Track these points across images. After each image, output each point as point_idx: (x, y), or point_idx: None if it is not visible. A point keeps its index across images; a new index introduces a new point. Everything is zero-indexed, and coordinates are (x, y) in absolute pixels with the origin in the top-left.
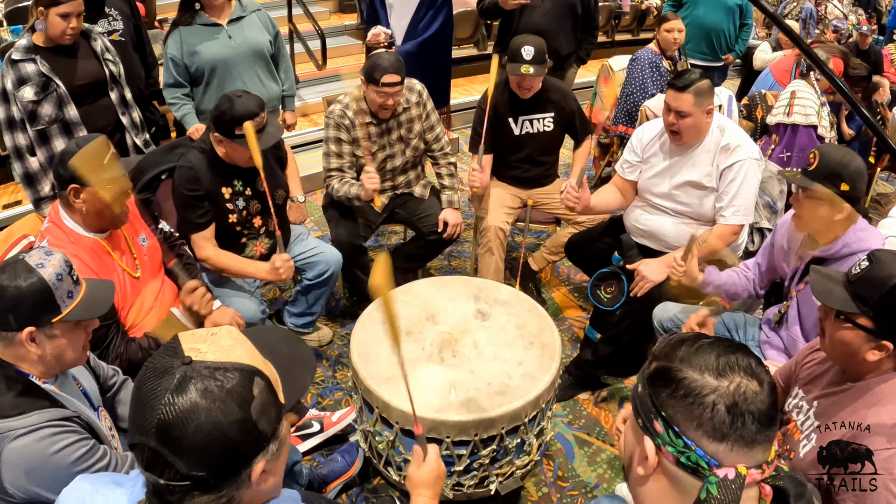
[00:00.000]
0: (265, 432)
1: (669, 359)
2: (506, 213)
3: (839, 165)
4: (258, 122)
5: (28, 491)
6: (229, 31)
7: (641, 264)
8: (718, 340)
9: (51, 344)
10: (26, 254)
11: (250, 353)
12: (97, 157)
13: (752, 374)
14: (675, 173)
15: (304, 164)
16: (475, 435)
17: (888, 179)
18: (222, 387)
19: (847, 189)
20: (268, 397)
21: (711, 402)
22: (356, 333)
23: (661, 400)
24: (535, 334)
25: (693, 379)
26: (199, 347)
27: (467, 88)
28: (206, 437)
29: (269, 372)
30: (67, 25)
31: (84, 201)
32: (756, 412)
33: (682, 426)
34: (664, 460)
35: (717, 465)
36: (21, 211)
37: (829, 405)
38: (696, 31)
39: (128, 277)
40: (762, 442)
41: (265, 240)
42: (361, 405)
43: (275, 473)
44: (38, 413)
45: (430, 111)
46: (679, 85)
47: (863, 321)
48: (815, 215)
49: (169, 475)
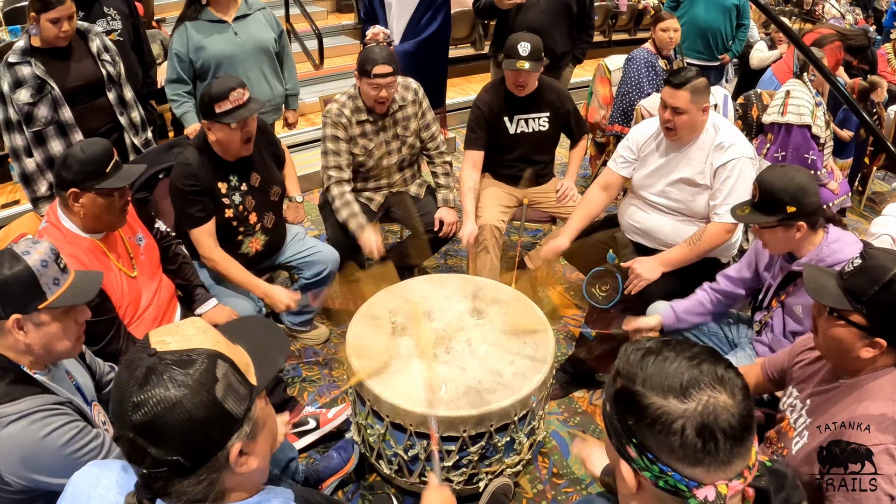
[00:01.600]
0: (234, 413)
1: (633, 379)
2: (501, 211)
3: (780, 191)
4: (236, 97)
5: (25, 477)
6: (235, 28)
7: (636, 262)
8: (682, 350)
9: (39, 332)
10: (14, 244)
11: (213, 339)
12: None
13: (721, 384)
14: (669, 171)
15: (301, 164)
16: (464, 431)
17: (884, 178)
18: (186, 372)
19: (794, 210)
20: (233, 378)
21: (680, 427)
22: (352, 328)
23: (629, 426)
24: (528, 334)
25: (658, 406)
26: (164, 339)
27: (464, 88)
28: (176, 422)
29: (237, 355)
30: (59, 30)
31: (83, 206)
32: (727, 429)
33: (655, 452)
34: (644, 482)
35: (697, 485)
36: (19, 210)
37: (822, 402)
38: (693, 31)
39: (125, 277)
40: (739, 455)
41: (261, 236)
42: (355, 398)
43: (256, 455)
44: (28, 399)
45: (426, 110)
46: (676, 82)
47: (856, 318)
48: (777, 240)
49: (148, 463)
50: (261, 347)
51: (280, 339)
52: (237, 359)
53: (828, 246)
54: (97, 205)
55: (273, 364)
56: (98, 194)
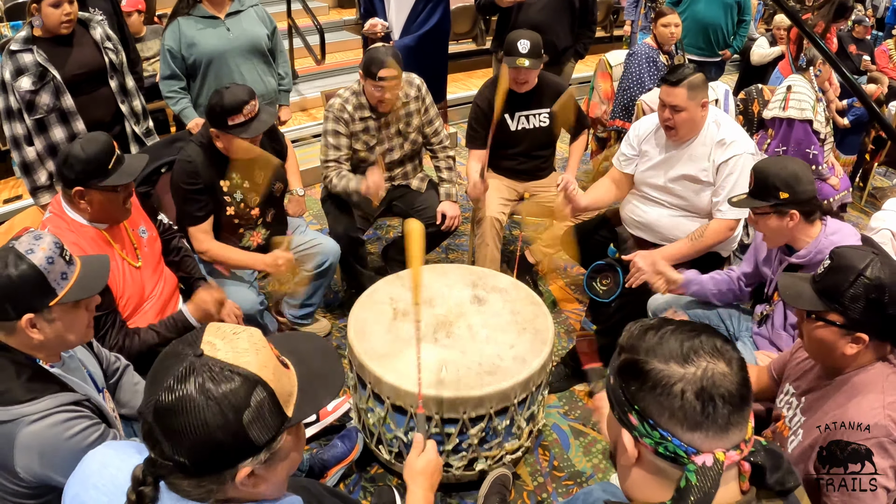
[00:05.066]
0: (256, 441)
1: (635, 350)
2: (502, 203)
3: (773, 177)
4: (249, 109)
5: (39, 475)
6: (227, 25)
7: (637, 256)
8: (681, 326)
9: (52, 327)
10: (16, 240)
11: (263, 360)
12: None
13: (719, 354)
14: (670, 167)
15: (303, 159)
16: (463, 413)
17: (885, 174)
18: (220, 388)
19: (787, 196)
20: (267, 408)
21: (680, 390)
22: (354, 311)
23: (631, 393)
24: (529, 320)
25: (659, 370)
26: (215, 342)
27: (465, 83)
28: (192, 431)
29: (282, 382)
30: (62, 13)
31: (89, 202)
32: (726, 394)
33: (655, 418)
34: (643, 451)
35: (695, 452)
36: (22, 205)
37: (814, 400)
38: (694, 27)
39: (128, 267)
40: (737, 423)
41: (262, 230)
42: (356, 383)
43: (268, 480)
44: (50, 398)
45: (429, 105)
46: (672, 80)
47: (833, 317)
48: (770, 229)
49: (157, 451)
50: (311, 378)
51: (335, 374)
52: (281, 387)
53: (826, 238)
54: (102, 200)
55: (317, 402)
56: (102, 191)
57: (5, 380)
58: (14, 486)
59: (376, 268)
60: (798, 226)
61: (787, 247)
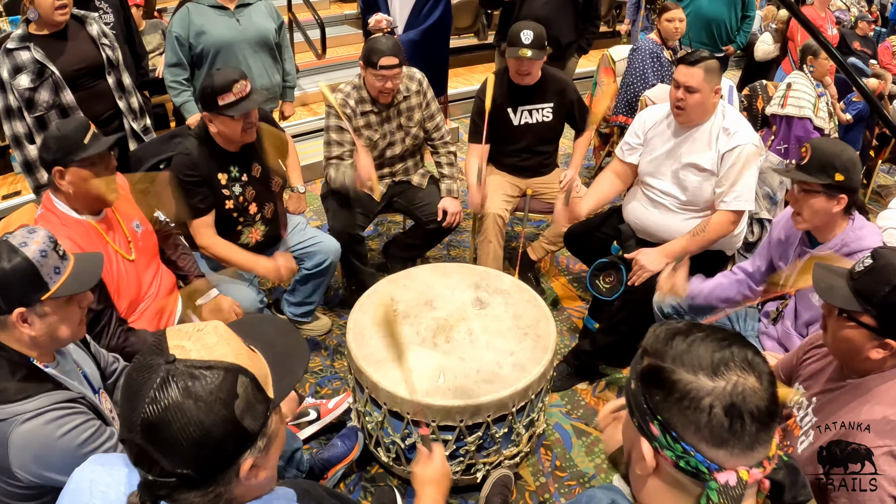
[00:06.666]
0: (251, 429)
1: (661, 357)
2: (504, 200)
3: (832, 156)
4: (240, 88)
5: (37, 474)
6: (237, 16)
7: (639, 254)
8: (712, 332)
9: (43, 322)
10: (10, 234)
11: (236, 349)
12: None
13: (750, 368)
14: (676, 156)
15: (304, 154)
16: (461, 421)
17: (889, 171)
18: (205, 386)
19: (842, 179)
20: (253, 395)
21: (708, 405)
22: (353, 315)
23: (655, 403)
24: (530, 325)
25: (688, 381)
26: (183, 345)
27: (467, 78)
28: (190, 436)
29: (257, 367)
30: (56, 2)
31: (71, 183)
32: (755, 411)
33: (679, 431)
34: (662, 462)
35: (718, 469)
36: (20, 201)
37: (828, 402)
38: (698, 22)
39: (122, 260)
40: (763, 441)
41: (261, 227)
42: (355, 386)
43: (265, 468)
44: (43, 396)
45: (431, 100)
46: (691, 59)
47: (866, 319)
48: (813, 209)
49: (156, 471)
50: (279, 355)
51: (299, 346)
52: (257, 370)
53: (853, 232)
54: (82, 178)
55: (292, 375)
56: (80, 166)
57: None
58: (12, 487)
59: (377, 265)
60: (839, 216)
61: (808, 238)
